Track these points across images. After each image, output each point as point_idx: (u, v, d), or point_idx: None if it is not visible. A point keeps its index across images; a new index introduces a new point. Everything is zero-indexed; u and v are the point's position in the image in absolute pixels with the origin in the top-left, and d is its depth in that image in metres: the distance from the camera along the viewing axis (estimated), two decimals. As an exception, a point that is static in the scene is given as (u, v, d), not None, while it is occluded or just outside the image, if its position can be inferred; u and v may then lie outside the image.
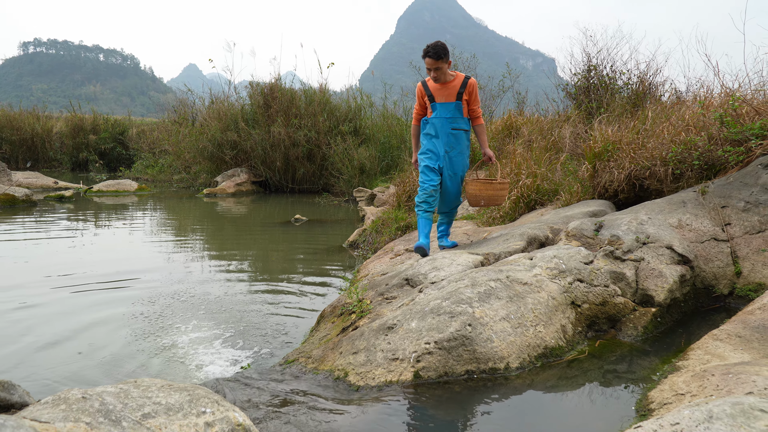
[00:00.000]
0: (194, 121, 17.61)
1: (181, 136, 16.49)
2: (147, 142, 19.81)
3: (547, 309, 3.32)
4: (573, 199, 6.07)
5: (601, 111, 8.32)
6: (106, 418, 1.78)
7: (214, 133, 14.94)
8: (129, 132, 22.27)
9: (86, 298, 5.04)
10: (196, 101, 18.23)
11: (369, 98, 15.54)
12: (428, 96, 4.81)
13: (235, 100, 16.27)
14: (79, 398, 1.85)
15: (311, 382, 2.95)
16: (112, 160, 21.70)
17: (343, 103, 15.49)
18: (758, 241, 4.13)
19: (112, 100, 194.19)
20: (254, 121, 14.95)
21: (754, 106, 5.01)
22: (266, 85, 15.19)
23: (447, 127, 4.77)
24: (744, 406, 1.80)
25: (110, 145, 21.62)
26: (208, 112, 16.00)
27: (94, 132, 21.78)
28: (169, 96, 26.70)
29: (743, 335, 3.00)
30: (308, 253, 7.24)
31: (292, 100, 14.89)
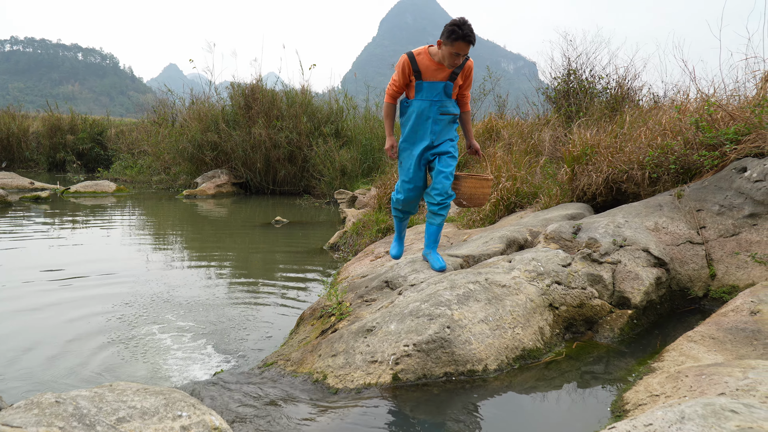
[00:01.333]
0: (174, 121, 17.47)
1: (161, 136, 16.35)
2: (126, 142, 19.60)
3: (525, 311, 3.35)
4: (552, 202, 6.13)
5: (580, 115, 8.40)
6: (80, 423, 1.76)
7: (195, 134, 14.84)
8: (108, 132, 22.02)
9: (61, 299, 4.98)
10: (176, 102, 18.09)
11: (351, 100, 15.54)
12: (415, 72, 3.94)
13: (215, 101, 16.17)
14: (53, 402, 1.83)
15: (290, 384, 2.95)
16: (90, 161, 21.44)
17: (324, 104, 15.47)
18: (732, 244, 4.20)
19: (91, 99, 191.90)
20: (235, 122, 14.87)
21: (729, 111, 5.09)
22: (247, 86, 15.12)
23: (434, 112, 4.00)
24: (715, 407, 1.83)
25: (88, 145, 21.36)
26: (189, 113, 15.88)
27: (71, 132, 21.50)
28: (149, 96, 26.48)
29: (717, 337, 3.05)
30: (288, 255, 7.22)
31: (273, 101, 14.84)
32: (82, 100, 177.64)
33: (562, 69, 9.71)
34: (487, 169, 7.32)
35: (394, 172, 9.29)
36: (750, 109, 4.82)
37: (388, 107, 4.18)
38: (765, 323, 3.05)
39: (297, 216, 10.99)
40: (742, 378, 2.30)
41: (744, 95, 5.66)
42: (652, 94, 8.77)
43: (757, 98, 5.15)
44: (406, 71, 3.96)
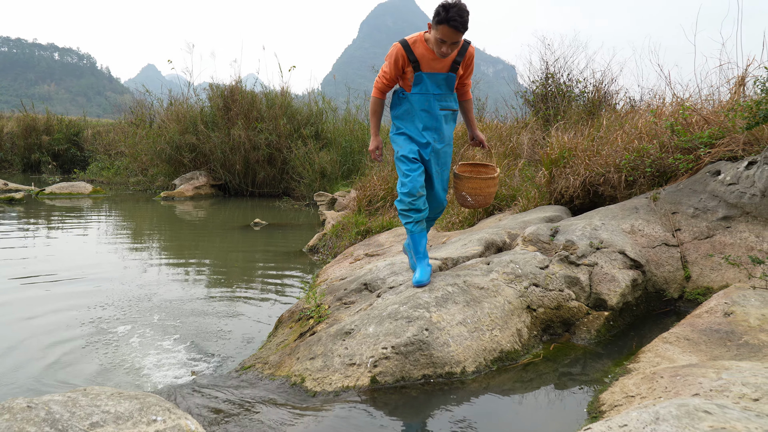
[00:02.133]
0: (152, 122, 17.28)
1: (138, 137, 16.16)
2: (103, 143, 19.34)
3: (503, 313, 3.37)
4: (530, 204, 6.17)
5: (558, 118, 8.47)
6: (53, 428, 1.74)
7: (173, 135, 14.70)
8: (84, 133, 21.70)
9: (36, 303, 4.90)
10: (154, 102, 17.89)
11: (330, 103, 15.51)
12: (412, 62, 3.45)
13: (194, 102, 16.03)
14: (24, 407, 1.80)
15: (267, 388, 2.93)
16: (66, 162, 21.13)
17: (304, 106, 15.42)
18: (706, 247, 4.26)
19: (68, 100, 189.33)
20: (214, 123, 14.77)
21: (703, 115, 5.17)
22: (226, 87, 15.02)
23: (434, 107, 3.55)
24: (689, 408, 1.85)
25: (64, 146, 21.06)
26: (167, 114, 15.73)
27: (47, 133, 21.17)
28: (127, 97, 26.18)
29: (691, 338, 3.09)
30: (267, 257, 7.18)
31: (252, 102, 14.76)
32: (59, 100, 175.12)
33: (541, 73, 9.80)
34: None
35: (374, 175, 9.29)
36: (724, 113, 4.91)
37: (375, 103, 3.69)
38: (738, 324, 3.10)
39: (276, 218, 10.94)
40: (716, 379, 2.33)
41: (718, 100, 5.76)
42: (628, 98, 8.88)
43: (730, 103, 5.23)
44: (400, 62, 3.48)
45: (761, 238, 4.07)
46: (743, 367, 2.44)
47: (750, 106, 4.38)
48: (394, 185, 8.53)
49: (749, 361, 2.63)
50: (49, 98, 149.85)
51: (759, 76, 4.37)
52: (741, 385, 2.21)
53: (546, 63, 9.73)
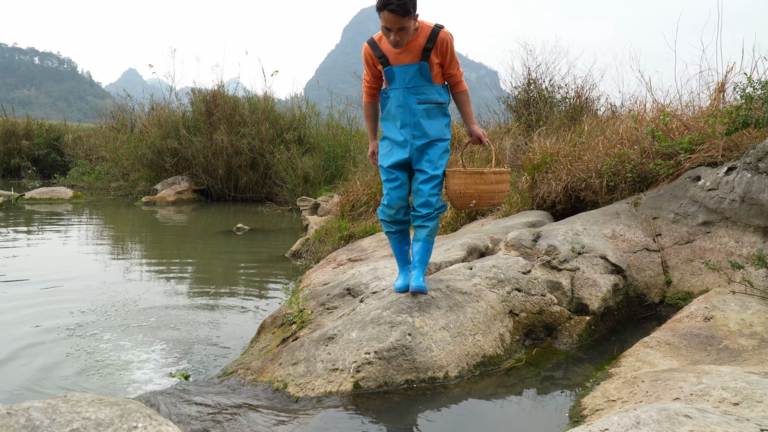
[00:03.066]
0: (133, 127, 17.14)
1: (119, 142, 16.02)
2: (83, 148, 19.14)
3: (485, 318, 3.37)
4: (513, 209, 6.20)
5: (540, 124, 8.53)
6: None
7: (154, 140, 14.59)
8: (64, 138, 21.47)
9: (15, 308, 4.82)
10: (136, 107, 17.76)
11: (314, 107, 15.49)
12: (380, 58, 3.33)
13: (176, 107, 15.93)
14: (4, 414, 1.76)
15: (250, 393, 2.90)
16: (46, 167, 20.89)
17: (287, 111, 15.38)
18: (687, 252, 4.30)
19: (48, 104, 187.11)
20: (196, 128, 14.68)
21: (683, 121, 5.23)
22: (209, 92, 14.95)
23: (411, 101, 3.35)
24: (670, 412, 1.86)
25: (44, 151, 20.83)
26: (148, 119, 15.61)
27: (27, 137, 20.94)
28: (108, 101, 25.95)
29: (672, 342, 3.12)
30: (250, 262, 7.13)
31: (235, 107, 14.70)
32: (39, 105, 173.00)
33: (523, 78, 9.87)
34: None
35: (357, 180, 9.28)
36: (704, 119, 4.97)
37: (365, 107, 3.64)
38: (718, 329, 3.13)
39: (259, 223, 10.89)
40: (697, 383, 2.35)
41: (698, 106, 5.83)
42: (609, 104, 8.97)
43: (710, 109, 5.31)
44: (369, 60, 3.39)
45: (740, 243, 4.12)
46: (723, 371, 2.46)
47: (729, 112, 4.44)
48: (378, 190, 8.54)
49: (729, 366, 2.66)
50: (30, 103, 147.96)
51: (738, 82, 4.43)
52: (721, 390, 2.23)
53: (528, 69, 9.81)
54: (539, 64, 9.74)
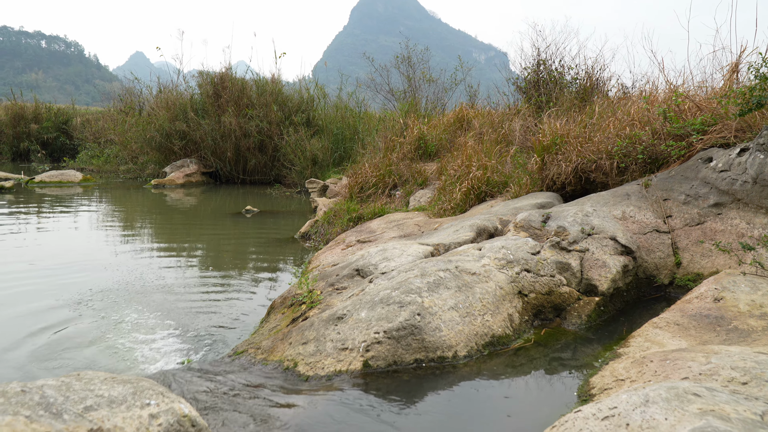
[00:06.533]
0: (141, 110, 17.15)
1: (128, 125, 16.05)
2: (92, 131, 19.19)
3: (494, 298, 3.38)
4: (522, 191, 6.18)
5: (550, 105, 8.47)
6: (47, 411, 1.73)
7: (163, 122, 14.60)
8: (73, 121, 21.53)
9: (28, 289, 4.87)
10: (144, 90, 17.76)
11: (322, 89, 15.43)
12: None
13: (184, 90, 15.92)
14: (18, 391, 1.79)
15: (260, 372, 2.93)
16: (55, 150, 20.97)
17: (295, 93, 15.34)
18: (697, 233, 4.28)
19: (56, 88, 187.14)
20: (204, 111, 14.67)
21: (696, 102, 5.18)
22: (216, 74, 14.92)
23: None
24: (679, 391, 1.87)
25: (53, 134, 20.89)
26: (156, 102, 15.62)
27: (35, 121, 20.99)
28: (115, 84, 25.93)
29: (681, 323, 3.11)
30: (259, 244, 7.16)
31: (243, 89, 14.67)
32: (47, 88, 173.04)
33: (532, 59, 9.78)
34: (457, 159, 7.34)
35: (365, 162, 9.27)
36: (717, 100, 4.92)
37: None
38: (728, 310, 3.12)
39: (268, 205, 10.91)
40: (705, 363, 2.35)
41: (711, 86, 5.77)
42: (620, 84, 8.88)
43: (723, 89, 5.24)
44: None
45: (752, 224, 4.09)
46: (732, 351, 2.46)
47: (743, 93, 4.39)
48: (386, 172, 8.53)
49: (738, 346, 2.66)
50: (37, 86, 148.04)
51: (753, 62, 4.37)
52: (730, 369, 2.23)
53: (537, 49, 9.72)
54: (549, 45, 9.65)
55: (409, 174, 8.44)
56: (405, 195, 8.10)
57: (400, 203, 7.94)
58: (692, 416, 1.66)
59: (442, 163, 7.96)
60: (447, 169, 7.44)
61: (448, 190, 6.92)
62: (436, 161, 8.89)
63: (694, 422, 1.61)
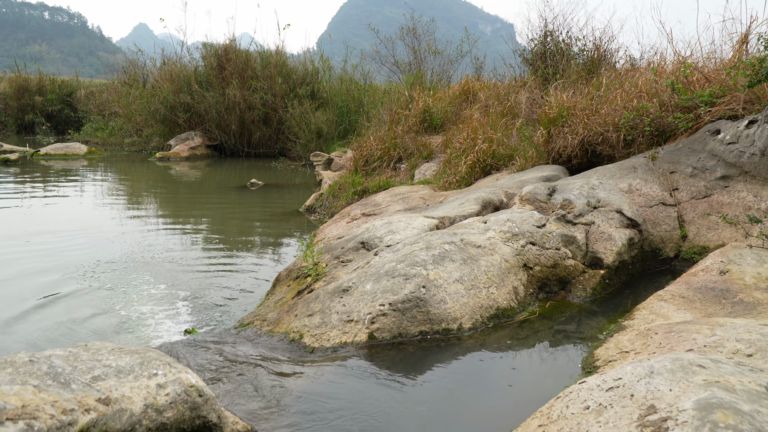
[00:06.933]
0: (145, 82, 17.07)
1: (132, 98, 15.98)
2: (96, 104, 19.12)
3: (499, 271, 3.38)
4: (528, 164, 6.14)
5: (556, 77, 8.38)
6: (55, 381, 1.75)
7: (167, 95, 14.53)
8: (77, 93, 21.43)
9: (35, 262, 4.90)
10: (147, 62, 17.65)
11: (327, 61, 15.29)
12: None
13: (188, 62, 15.80)
14: (26, 361, 1.80)
15: (266, 344, 2.95)
16: (59, 123, 20.93)
17: (300, 65, 15.22)
18: (704, 206, 4.26)
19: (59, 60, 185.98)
20: (208, 83, 14.58)
21: (704, 73, 5.11)
22: (220, 46, 14.79)
23: None
24: (683, 362, 1.87)
25: (57, 107, 20.82)
26: (160, 74, 15.52)
27: (40, 93, 20.91)
28: (119, 56, 25.74)
29: (686, 296, 3.11)
30: (264, 217, 7.17)
31: (247, 62, 14.55)
32: (50, 60, 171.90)
33: (539, 30, 9.65)
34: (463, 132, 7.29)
35: (370, 135, 9.22)
36: (726, 71, 4.85)
37: None
38: (734, 282, 3.12)
39: (273, 178, 10.90)
40: (710, 335, 2.35)
41: (720, 58, 5.68)
42: (628, 56, 8.76)
43: (733, 60, 5.17)
44: None
45: (759, 197, 4.06)
46: (738, 323, 2.46)
47: (753, 64, 4.33)
48: (391, 145, 8.49)
49: (744, 319, 2.66)
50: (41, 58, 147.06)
51: (763, 33, 4.30)
52: (735, 341, 2.23)
53: (545, 20, 9.58)
54: (556, 16, 9.53)
55: (414, 147, 8.40)
56: (410, 168, 8.07)
57: (405, 176, 7.92)
58: (697, 387, 1.66)
59: (448, 136, 7.91)
60: (452, 142, 7.40)
61: (454, 163, 6.89)
62: (441, 134, 8.83)
63: (698, 393, 1.62)
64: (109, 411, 1.74)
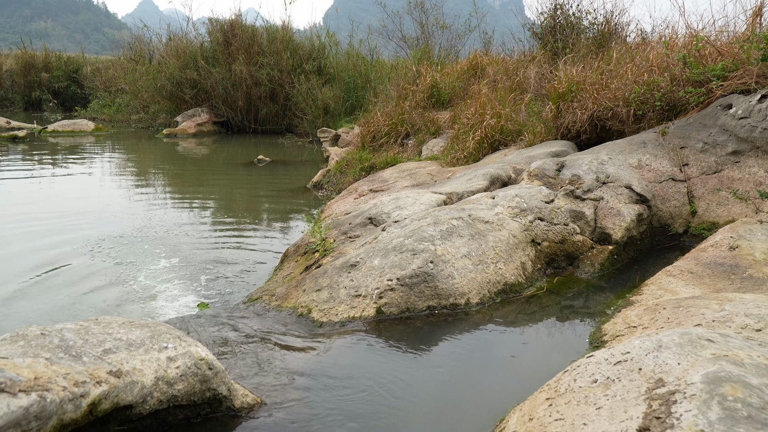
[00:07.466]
0: (151, 58, 16.98)
1: (138, 74, 15.92)
2: (102, 80, 19.06)
3: (507, 247, 3.37)
4: (536, 139, 6.10)
5: (566, 51, 8.28)
6: (67, 354, 1.77)
7: (173, 71, 14.47)
8: (83, 70, 21.36)
9: (44, 239, 4.93)
10: (153, 38, 17.54)
11: (333, 37, 15.16)
12: None
13: (194, 37, 15.70)
14: (38, 335, 1.82)
15: (275, 318, 2.97)
16: (66, 100, 20.90)
17: (306, 41, 15.09)
18: (714, 182, 4.23)
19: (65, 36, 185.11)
20: (214, 59, 14.50)
21: (717, 47, 5.03)
22: (226, 21, 14.68)
23: None
24: (692, 336, 1.87)
25: (64, 83, 20.77)
26: (166, 50, 15.44)
27: (46, 70, 20.85)
28: (124, 32, 25.61)
29: (695, 271, 3.10)
30: (272, 194, 7.18)
31: (253, 37, 14.44)
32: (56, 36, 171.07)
33: (549, 4, 9.50)
34: (471, 108, 7.24)
35: (377, 110, 9.17)
36: (739, 44, 4.77)
37: None
38: (743, 258, 3.10)
39: (280, 155, 10.89)
40: (719, 310, 2.34)
41: (733, 31, 5.59)
42: (639, 29, 8.65)
43: (746, 34, 5.08)
44: None
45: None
46: (747, 299, 2.45)
47: (766, 37, 4.26)
48: (398, 121, 8.44)
49: (753, 294, 2.65)
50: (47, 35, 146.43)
51: (777, 5, 4.22)
52: (744, 316, 2.23)
53: (555, -6, 9.43)
54: (566, -12, 9.36)
55: (422, 123, 8.35)
56: (417, 144, 8.03)
57: (413, 152, 7.89)
58: (705, 361, 1.66)
59: (456, 111, 7.86)
60: (460, 117, 7.35)
61: (461, 139, 6.85)
62: (449, 110, 8.77)
63: (707, 367, 1.62)
64: (121, 383, 1.76)
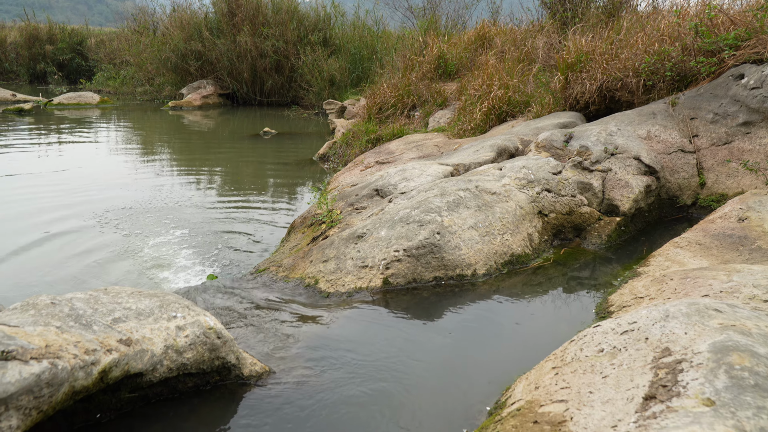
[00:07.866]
0: (155, 30, 16.85)
1: (143, 46, 15.81)
2: (106, 52, 18.96)
3: (514, 218, 3.37)
4: (544, 110, 6.04)
5: (575, 21, 8.15)
6: (77, 323, 1.78)
7: (177, 43, 14.35)
8: (87, 42, 21.24)
9: (52, 211, 4.95)
10: (157, 9, 17.37)
11: (339, 7, 14.97)
12: None
13: (198, 8, 15.54)
14: (48, 303, 1.84)
15: (282, 289, 2.98)
16: (71, 72, 20.81)
17: (311, 11, 14.92)
18: (724, 153, 4.19)
19: (68, 8, 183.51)
20: (219, 30, 14.36)
21: (730, 15, 4.94)
22: (230, -9, 14.52)
23: None
24: (699, 306, 1.87)
25: (68, 56, 20.66)
26: (170, 21, 15.30)
27: (50, 42, 20.73)
28: (128, 4, 25.38)
29: (703, 243, 3.09)
30: (278, 166, 7.17)
31: (258, 7, 14.27)
32: (59, 8, 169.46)
33: (559, -27, 9.34)
34: (478, 79, 7.17)
35: (384, 82, 9.09)
36: (752, 13, 4.68)
37: None
38: (752, 229, 3.09)
39: (286, 127, 10.85)
40: (727, 281, 2.34)
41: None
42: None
43: (760, 2, 4.99)
44: None
45: (780, 143, 3.98)
46: (755, 270, 2.44)
47: (780, 5, 4.17)
48: (405, 92, 8.38)
49: (762, 265, 2.64)
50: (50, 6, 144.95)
51: (792, -28, 4.13)
52: (752, 287, 2.22)
53: (565, -39, 9.25)
54: (577, -44, 9.18)
55: (429, 94, 8.28)
56: (424, 116, 7.98)
57: (419, 124, 7.84)
58: (712, 331, 1.66)
59: (463, 82, 7.78)
60: (467, 88, 7.28)
61: (468, 110, 6.80)
62: (456, 81, 8.69)
63: (714, 336, 1.62)
64: (131, 351, 1.78)
